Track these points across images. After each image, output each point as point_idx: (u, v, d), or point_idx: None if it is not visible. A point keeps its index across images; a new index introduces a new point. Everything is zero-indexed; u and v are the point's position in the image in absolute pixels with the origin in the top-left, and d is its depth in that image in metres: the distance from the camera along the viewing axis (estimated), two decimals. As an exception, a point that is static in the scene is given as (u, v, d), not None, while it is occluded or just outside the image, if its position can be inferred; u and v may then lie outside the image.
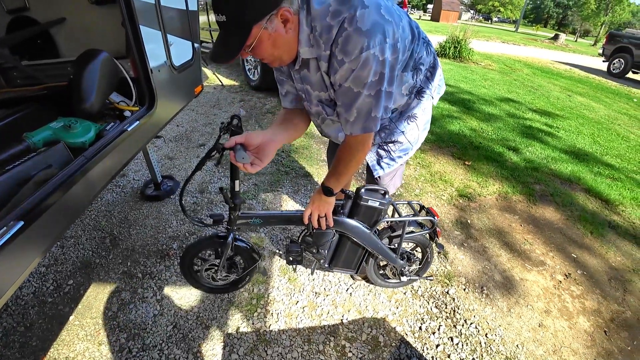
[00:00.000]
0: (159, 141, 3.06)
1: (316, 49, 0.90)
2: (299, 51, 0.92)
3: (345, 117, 0.98)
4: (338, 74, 0.89)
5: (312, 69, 0.97)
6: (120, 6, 1.27)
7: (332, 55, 0.87)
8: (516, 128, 4.12)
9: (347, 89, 0.91)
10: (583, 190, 2.86)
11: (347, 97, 0.93)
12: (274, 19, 0.83)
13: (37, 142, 1.13)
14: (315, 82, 1.01)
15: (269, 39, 0.86)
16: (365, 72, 0.86)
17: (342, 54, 0.85)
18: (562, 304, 1.77)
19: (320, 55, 0.91)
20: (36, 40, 1.82)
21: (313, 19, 0.86)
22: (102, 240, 1.94)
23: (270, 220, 1.44)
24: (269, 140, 1.04)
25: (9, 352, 1.37)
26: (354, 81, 0.88)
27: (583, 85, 7.88)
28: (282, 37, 0.87)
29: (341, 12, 0.82)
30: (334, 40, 0.85)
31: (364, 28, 0.81)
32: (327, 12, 0.83)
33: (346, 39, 0.82)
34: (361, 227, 1.35)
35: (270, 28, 0.83)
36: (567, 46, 19.81)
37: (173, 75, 1.68)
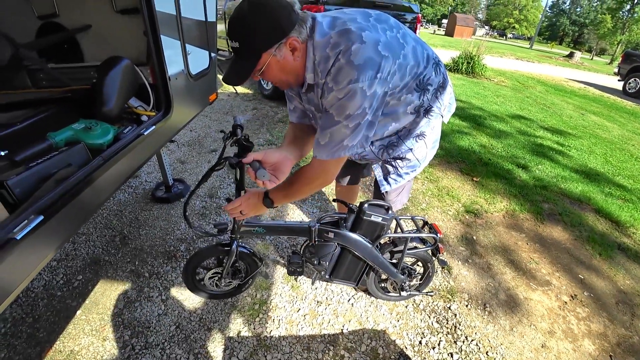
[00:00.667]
0: (173, 145, 3.15)
1: (315, 76, 0.96)
2: (305, 76, 0.98)
3: (317, 139, 1.01)
4: (325, 99, 0.95)
5: (315, 93, 1.03)
6: (143, 16, 1.34)
7: (325, 83, 0.93)
8: (526, 145, 4.09)
9: (329, 114, 0.95)
10: (593, 211, 2.82)
11: (326, 121, 0.97)
12: (282, 47, 0.90)
13: (59, 141, 1.19)
14: (317, 105, 1.07)
15: (277, 65, 0.93)
16: (350, 104, 0.90)
17: (332, 82, 0.90)
18: (567, 326, 1.74)
19: (318, 83, 0.97)
20: (63, 45, 1.92)
21: (315, 48, 0.92)
22: (112, 238, 1.99)
23: (273, 230, 1.47)
24: (285, 158, 1.11)
25: (16, 341, 1.42)
26: (337, 109, 0.93)
27: (597, 104, 7.79)
28: (290, 63, 0.94)
29: (339, 44, 0.88)
30: (329, 71, 0.90)
31: (356, 62, 0.86)
32: (327, 43, 0.90)
33: (338, 69, 0.88)
34: (363, 241, 1.36)
35: (279, 55, 0.91)
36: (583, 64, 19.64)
37: (189, 82, 1.75)
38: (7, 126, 1.20)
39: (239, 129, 1.20)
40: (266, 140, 3.47)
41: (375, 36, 0.89)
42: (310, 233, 1.35)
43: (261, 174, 1.00)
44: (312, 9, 3.41)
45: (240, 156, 1.12)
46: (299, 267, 1.47)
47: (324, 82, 0.93)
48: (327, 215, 1.42)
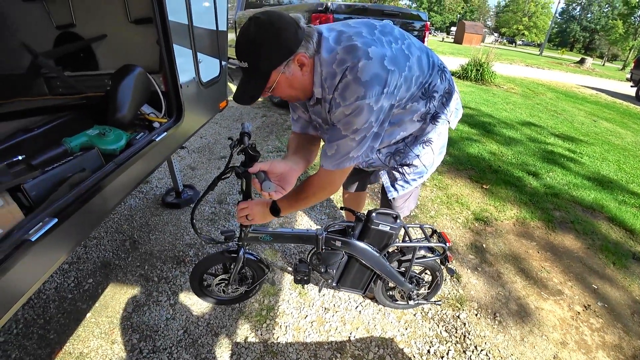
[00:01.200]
0: (183, 151, 3.20)
1: (322, 91, 0.98)
2: (313, 90, 1.00)
3: (325, 150, 1.04)
4: (333, 114, 0.96)
5: (325, 107, 1.04)
6: (156, 26, 1.38)
7: (333, 98, 0.94)
8: (537, 153, 4.04)
9: (336, 128, 0.97)
10: (606, 219, 2.76)
11: (334, 134, 0.99)
12: (290, 64, 0.91)
13: (74, 147, 1.22)
14: (324, 118, 1.09)
15: (286, 82, 0.94)
16: (357, 120, 0.92)
17: (340, 98, 0.92)
18: (580, 337, 1.70)
19: (325, 98, 0.99)
20: (79, 54, 1.98)
21: (321, 64, 0.94)
22: (122, 242, 2.02)
23: (280, 238, 1.46)
24: (291, 169, 1.11)
25: (27, 342, 1.44)
26: (344, 125, 0.94)
27: (610, 110, 7.67)
28: (299, 79, 0.95)
29: (345, 61, 0.89)
30: (336, 87, 0.92)
31: (363, 79, 0.87)
32: (334, 59, 0.91)
33: (345, 85, 0.89)
34: (370, 250, 1.35)
35: (288, 72, 0.92)
36: (594, 70, 19.38)
37: (200, 90, 1.78)
38: (25, 131, 1.24)
39: (246, 137, 1.21)
40: (275, 147, 3.50)
41: (381, 51, 0.90)
42: (317, 241, 1.34)
43: (267, 185, 1.01)
44: (322, 17, 3.46)
45: (246, 165, 1.13)
46: (306, 275, 1.46)
47: (332, 97, 0.95)
48: (334, 224, 1.42)
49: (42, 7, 1.83)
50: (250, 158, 1.15)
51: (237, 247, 1.38)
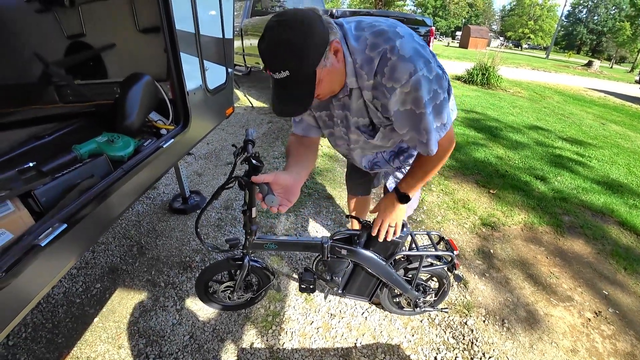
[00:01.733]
0: (190, 158, 3.23)
1: (359, 79, 0.93)
2: (346, 81, 0.95)
3: (418, 139, 0.99)
4: (392, 100, 0.91)
5: (354, 97, 1.00)
6: (163, 35, 1.41)
7: (379, 84, 0.90)
8: (545, 157, 4.00)
9: (409, 111, 0.92)
10: (616, 223, 2.72)
11: (411, 120, 0.94)
12: (329, 54, 0.85)
13: (83, 153, 1.24)
14: (356, 109, 1.04)
15: (328, 75, 0.88)
16: (421, 93, 0.88)
17: (392, 82, 0.87)
18: (591, 344, 1.66)
19: (364, 86, 0.93)
20: (89, 63, 2.02)
21: (352, 53, 0.90)
22: (130, 248, 2.04)
23: (285, 246, 1.43)
24: (295, 181, 1.08)
25: (35, 346, 1.46)
26: (413, 103, 0.90)
27: (618, 113, 7.57)
28: (337, 68, 0.90)
29: (379, 44, 0.87)
30: (376, 71, 0.88)
31: (407, 55, 0.85)
32: (365, 45, 0.88)
33: (392, 68, 0.86)
34: (376, 258, 1.34)
35: (329, 64, 0.86)
36: (602, 73, 19.20)
37: (207, 97, 1.81)
38: (36, 138, 1.27)
39: (249, 145, 1.20)
40: (281, 153, 3.51)
41: (407, 29, 0.90)
42: (323, 250, 1.33)
43: (270, 199, 0.97)
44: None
45: (250, 176, 1.11)
46: (311, 284, 1.44)
47: (375, 82, 0.91)
48: (340, 232, 1.41)
49: (54, 18, 1.88)
50: (254, 168, 1.13)
51: (242, 255, 1.38)
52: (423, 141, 0.98)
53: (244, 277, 1.44)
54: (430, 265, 1.46)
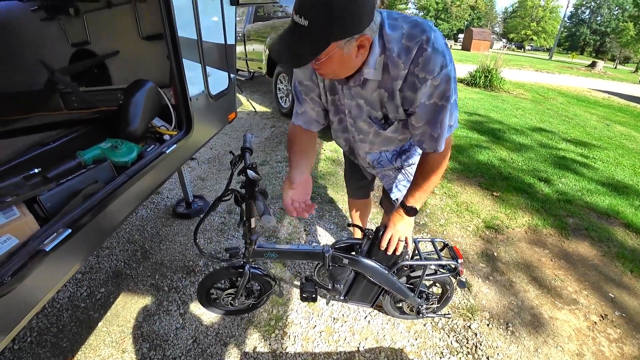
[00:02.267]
0: (193, 163, 3.25)
1: (392, 69, 0.92)
2: (362, 70, 0.93)
3: (430, 134, 1.00)
4: (420, 92, 0.91)
5: (370, 88, 0.99)
6: (166, 42, 1.43)
7: (411, 73, 0.90)
8: (548, 158, 3.98)
9: (432, 104, 0.94)
10: (622, 225, 2.69)
11: (433, 112, 0.95)
12: (352, 42, 0.82)
13: (87, 159, 1.26)
14: (370, 100, 1.03)
15: (339, 59, 0.85)
16: (447, 86, 0.91)
17: (424, 73, 0.88)
18: (597, 348, 1.65)
19: (397, 75, 0.92)
20: (93, 70, 2.06)
21: (388, 41, 0.89)
22: (134, 252, 2.06)
23: (286, 255, 1.42)
24: (307, 177, 1.12)
25: (40, 350, 1.47)
26: (439, 96, 0.92)
27: (623, 114, 7.52)
28: (351, 60, 0.88)
29: (416, 35, 0.87)
30: (412, 60, 0.88)
31: (440, 48, 0.87)
32: (402, 35, 0.88)
33: (427, 59, 0.87)
34: (379, 268, 1.33)
35: (346, 50, 0.83)
36: (606, 73, 19.09)
37: (209, 103, 1.83)
38: (42, 145, 1.29)
39: (247, 153, 1.19)
40: (284, 157, 3.53)
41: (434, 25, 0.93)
42: (324, 259, 1.32)
43: (266, 219, 0.94)
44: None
45: (246, 189, 1.10)
46: (313, 294, 1.43)
47: (409, 72, 0.90)
48: (341, 241, 1.41)
49: (59, 26, 1.92)
50: (251, 182, 1.10)
51: (243, 263, 1.37)
52: (435, 136, 0.99)
53: (245, 284, 1.44)
54: (434, 273, 1.44)
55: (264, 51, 4.91)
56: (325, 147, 3.85)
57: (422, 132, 1.01)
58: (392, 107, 1.01)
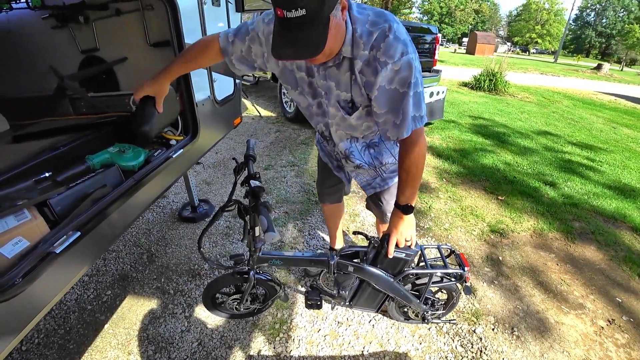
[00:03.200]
0: (199, 167, 3.28)
1: (354, 49, 0.95)
2: (341, 49, 0.95)
3: (393, 121, 1.01)
4: (380, 75, 0.93)
5: (343, 68, 1.01)
6: (173, 48, 1.46)
7: (373, 58, 0.93)
8: (554, 162, 3.96)
9: (392, 90, 0.96)
10: (629, 229, 2.66)
11: (393, 99, 0.97)
12: (338, 7, 0.84)
13: (96, 164, 1.29)
14: (342, 81, 1.04)
15: (335, 28, 0.86)
16: (408, 73, 0.93)
17: (385, 57, 0.91)
18: (605, 353, 1.63)
19: (358, 55, 0.94)
20: (101, 76, 2.09)
21: (354, 22, 0.93)
22: (140, 256, 2.08)
23: (290, 262, 1.42)
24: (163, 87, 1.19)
25: (48, 352, 1.49)
26: (399, 82, 0.94)
27: (630, 116, 7.45)
28: (342, 26, 0.89)
29: (379, 22, 0.92)
30: (373, 45, 0.92)
31: (401, 37, 0.92)
32: (367, 19, 0.93)
33: (388, 44, 0.91)
34: (384, 276, 1.32)
35: (338, 17, 0.85)
36: (612, 76, 18.91)
37: (215, 108, 1.85)
38: (52, 149, 1.32)
39: (250, 161, 1.19)
40: (289, 162, 3.55)
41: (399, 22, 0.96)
42: (329, 266, 1.32)
43: (270, 236, 0.93)
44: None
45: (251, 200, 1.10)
46: (318, 301, 1.44)
47: (371, 56, 0.93)
48: (347, 248, 1.41)
49: (69, 34, 1.96)
50: (254, 194, 1.10)
51: (248, 269, 1.37)
52: (397, 122, 1.00)
53: (251, 290, 1.44)
54: (440, 280, 1.42)
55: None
56: (330, 151, 3.87)
57: (385, 120, 1.03)
58: (357, 90, 1.03)
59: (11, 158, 1.24)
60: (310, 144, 4.09)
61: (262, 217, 0.99)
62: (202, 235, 1.26)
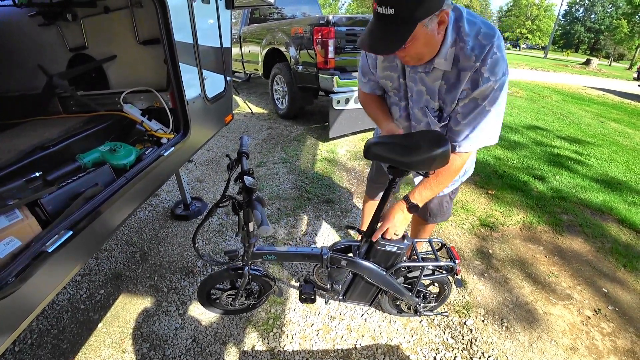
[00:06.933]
0: (191, 165, 3.27)
1: (463, 60, 0.95)
2: (434, 60, 0.99)
3: (465, 133, 1.05)
4: (478, 90, 0.96)
5: (433, 77, 1.04)
6: (163, 46, 1.46)
7: (478, 70, 0.94)
8: (543, 156, 4.02)
9: (482, 106, 0.98)
10: (615, 221, 2.73)
11: (477, 112, 1.00)
12: (434, 19, 0.87)
13: (87, 162, 1.28)
14: (432, 89, 1.07)
15: (424, 38, 0.90)
16: (501, 94, 0.96)
17: (489, 73, 0.93)
18: (591, 342, 1.68)
19: (467, 66, 0.96)
20: (91, 74, 2.07)
21: (465, 34, 0.94)
22: (133, 254, 2.07)
23: (284, 257, 1.44)
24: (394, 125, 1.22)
25: (41, 352, 1.49)
26: (491, 100, 0.97)
27: (617, 111, 7.58)
28: (434, 38, 0.92)
29: (491, 36, 0.93)
30: (484, 57, 0.93)
31: (504, 56, 0.94)
32: (479, 32, 0.94)
33: (496, 61, 0.92)
34: (376, 269, 1.35)
35: (430, 27, 0.88)
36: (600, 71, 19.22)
37: (206, 106, 1.85)
38: (42, 149, 1.31)
39: (244, 157, 1.21)
40: (281, 159, 3.55)
41: None
42: (322, 260, 1.34)
43: (264, 230, 0.94)
44: (324, 30, 3.54)
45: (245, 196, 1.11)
46: (312, 295, 1.46)
47: (477, 69, 0.94)
48: (339, 242, 1.43)
49: (57, 31, 1.93)
50: (247, 190, 1.11)
51: (242, 265, 1.39)
52: (469, 135, 1.04)
53: (245, 285, 1.46)
54: (432, 273, 1.46)
55: (260, 53, 4.94)
56: (322, 148, 3.88)
57: (459, 130, 1.06)
58: (450, 99, 1.04)
59: (1, 157, 1.23)
60: (302, 141, 4.09)
61: (256, 211, 1.00)
62: (197, 231, 1.28)
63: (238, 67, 6.02)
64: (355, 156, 3.73)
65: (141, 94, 1.85)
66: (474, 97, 0.98)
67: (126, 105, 1.78)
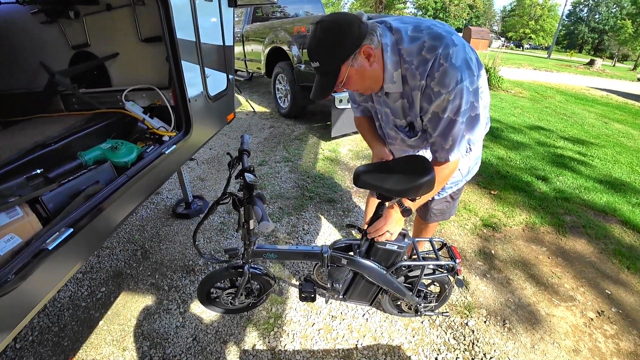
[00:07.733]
0: (192, 163, 3.27)
1: (410, 80, 1.00)
2: (383, 86, 1.06)
3: (441, 145, 1.07)
4: (434, 104, 0.98)
5: (392, 98, 1.10)
6: (165, 44, 1.45)
7: (427, 86, 0.97)
8: (546, 157, 4.00)
9: (445, 118, 1.00)
10: (619, 222, 2.71)
11: (445, 125, 1.01)
12: (358, 57, 0.96)
13: (88, 160, 1.28)
14: (395, 109, 1.13)
15: (357, 74, 1.00)
16: (462, 102, 0.96)
17: (439, 87, 0.94)
18: (594, 344, 1.66)
19: (415, 85, 1.00)
20: (93, 72, 2.07)
21: (408, 54, 0.97)
22: (134, 252, 2.07)
23: (285, 256, 1.44)
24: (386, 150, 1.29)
25: (42, 349, 1.49)
26: (452, 111, 0.97)
27: (621, 111, 7.53)
28: (368, 70, 1.00)
29: (435, 48, 0.93)
30: (429, 73, 0.95)
31: (457, 64, 0.92)
32: (422, 47, 0.95)
33: (443, 73, 0.92)
34: (377, 268, 1.34)
35: (357, 64, 0.97)
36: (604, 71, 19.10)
37: (208, 104, 1.84)
38: (43, 146, 1.31)
39: (245, 155, 1.21)
40: (283, 158, 3.55)
41: (461, 39, 0.97)
42: (323, 259, 1.34)
43: (264, 225, 0.95)
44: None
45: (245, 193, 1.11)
46: (312, 294, 1.46)
47: (425, 85, 0.97)
48: (340, 241, 1.42)
49: (59, 29, 1.93)
50: (248, 186, 1.11)
51: (242, 263, 1.38)
52: (446, 147, 1.06)
53: (245, 284, 1.45)
54: (432, 273, 1.45)
55: (262, 51, 4.93)
56: (324, 147, 3.87)
57: (435, 142, 1.08)
58: (413, 115, 1.09)
59: (2, 155, 1.23)
60: (304, 140, 4.08)
61: (257, 207, 1.01)
62: (197, 229, 1.27)
63: (240, 65, 6.02)
64: (357, 155, 3.72)
65: (143, 91, 1.85)
66: (434, 111, 1.00)
67: (128, 103, 1.78)
